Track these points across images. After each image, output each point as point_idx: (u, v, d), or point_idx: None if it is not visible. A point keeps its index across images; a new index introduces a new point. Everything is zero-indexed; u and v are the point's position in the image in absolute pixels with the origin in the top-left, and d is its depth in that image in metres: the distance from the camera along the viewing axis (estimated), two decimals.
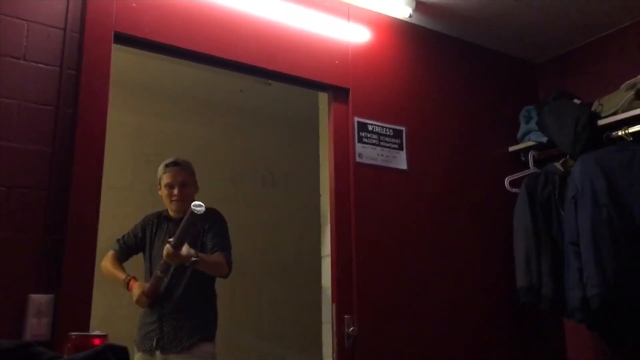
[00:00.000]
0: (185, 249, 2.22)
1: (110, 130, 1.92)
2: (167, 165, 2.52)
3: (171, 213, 2.56)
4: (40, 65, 1.81)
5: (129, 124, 3.47)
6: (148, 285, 2.40)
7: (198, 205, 2.15)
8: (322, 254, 2.48)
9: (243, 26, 2.27)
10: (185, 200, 2.49)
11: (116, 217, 2.87)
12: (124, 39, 2.03)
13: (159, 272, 2.35)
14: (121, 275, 2.50)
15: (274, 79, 2.56)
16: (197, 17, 2.17)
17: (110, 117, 1.93)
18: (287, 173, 3.93)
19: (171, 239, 2.22)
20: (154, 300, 2.41)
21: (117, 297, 2.81)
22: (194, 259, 2.25)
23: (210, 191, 2.79)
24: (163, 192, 2.55)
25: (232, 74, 2.51)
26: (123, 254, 2.60)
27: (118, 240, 2.62)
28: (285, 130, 3.93)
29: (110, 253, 2.59)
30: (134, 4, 2.03)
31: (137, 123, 3.53)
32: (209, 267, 2.38)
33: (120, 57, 2.06)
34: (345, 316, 2.28)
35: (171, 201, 2.52)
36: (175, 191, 2.49)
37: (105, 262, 2.55)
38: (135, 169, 3.46)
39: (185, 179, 2.52)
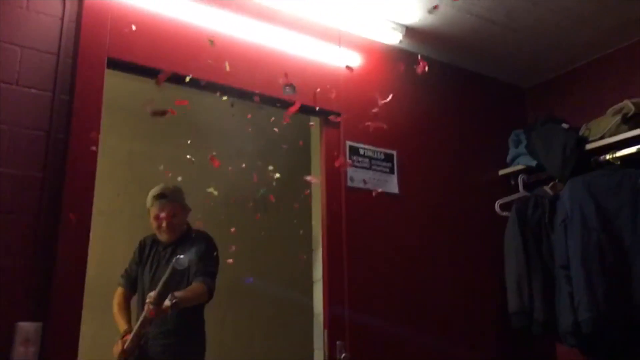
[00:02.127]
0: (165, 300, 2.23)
1: (102, 154, 1.92)
2: (154, 198, 2.54)
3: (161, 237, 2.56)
4: (32, 90, 1.82)
5: (121, 148, 3.47)
6: (128, 340, 2.34)
7: (180, 264, 2.18)
8: (314, 279, 2.47)
9: (235, 51, 2.30)
10: (174, 230, 2.51)
11: (107, 243, 2.85)
12: (117, 65, 2.04)
13: (142, 330, 2.30)
14: (122, 326, 2.46)
15: (266, 104, 2.58)
16: (190, 42, 2.19)
17: (103, 141, 1.93)
18: (279, 197, 3.92)
19: (152, 294, 2.22)
20: (131, 355, 2.35)
21: (108, 319, 2.77)
22: (174, 301, 2.24)
23: (202, 215, 2.78)
24: (152, 222, 2.56)
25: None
26: (131, 286, 2.58)
27: (122, 275, 2.61)
28: (277, 154, 3.93)
29: (119, 291, 2.58)
30: (128, 30, 2.05)
31: (129, 147, 3.52)
32: (188, 302, 2.35)
33: (114, 82, 2.07)
34: (337, 342, 2.26)
35: (160, 232, 2.53)
36: (164, 224, 2.51)
37: (114, 303, 2.54)
38: (126, 193, 3.44)
39: (173, 210, 2.53)
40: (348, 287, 2.35)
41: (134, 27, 2.04)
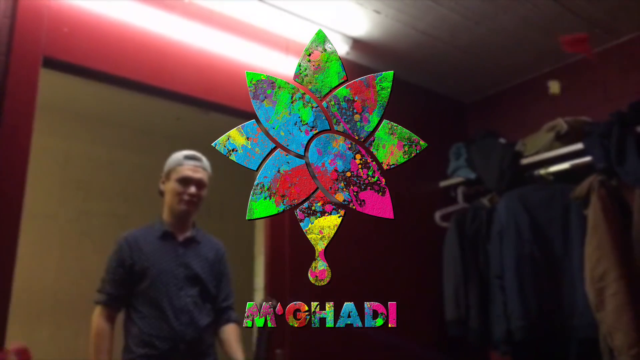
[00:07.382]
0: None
1: (36, 155, 1.84)
2: (186, 157, 2.06)
3: (173, 214, 2.06)
4: None
5: (58, 149, 3.34)
6: None
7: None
8: (255, 287, 2.45)
9: (181, 56, 2.26)
10: (197, 204, 2.06)
11: (38, 247, 2.73)
12: (53, 64, 1.96)
13: None
14: None
15: (211, 110, 2.55)
16: (132, 45, 2.14)
17: (38, 142, 1.86)
18: (222, 203, 3.88)
19: None
20: None
21: (37, 335, 2.65)
22: None
23: (143, 220, 2.71)
24: (171, 187, 2.04)
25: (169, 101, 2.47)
26: (117, 301, 1.96)
27: (101, 290, 1.96)
28: (221, 160, 3.90)
29: (98, 311, 1.93)
30: (66, 29, 1.98)
31: (66, 148, 3.40)
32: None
33: (50, 81, 2.00)
34: (277, 350, 2.25)
35: (180, 200, 2.03)
36: (192, 189, 2.02)
37: (93, 330, 1.91)
38: (62, 195, 3.31)
39: (204, 180, 2.08)
40: (290, 295, 2.35)
41: (66, 30, 1.98)
